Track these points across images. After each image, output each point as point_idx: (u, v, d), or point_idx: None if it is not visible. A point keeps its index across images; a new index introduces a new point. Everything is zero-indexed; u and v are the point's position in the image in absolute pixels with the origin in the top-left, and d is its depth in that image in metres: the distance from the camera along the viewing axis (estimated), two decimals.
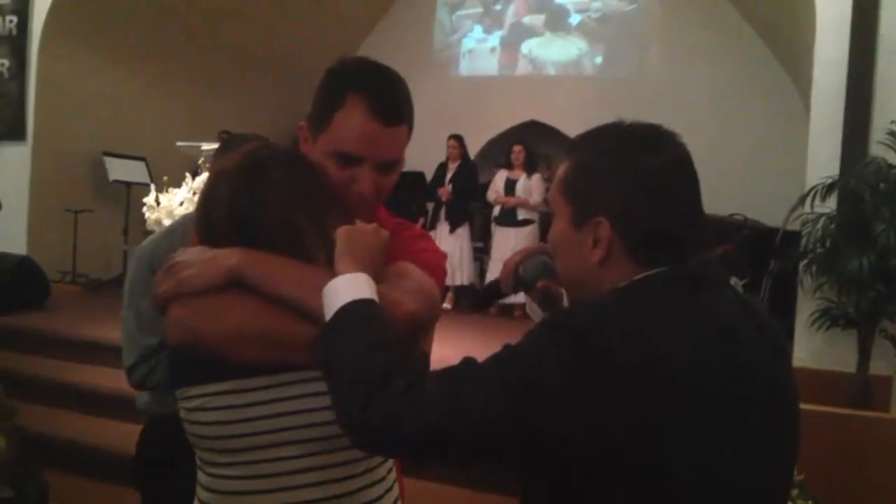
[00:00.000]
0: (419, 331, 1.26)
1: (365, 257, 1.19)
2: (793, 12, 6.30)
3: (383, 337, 1.09)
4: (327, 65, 1.42)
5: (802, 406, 1.19)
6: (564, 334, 1.03)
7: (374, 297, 1.14)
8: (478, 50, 10.90)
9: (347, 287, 1.14)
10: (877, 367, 4.26)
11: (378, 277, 1.19)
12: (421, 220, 8.08)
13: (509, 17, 10.73)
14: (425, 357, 1.34)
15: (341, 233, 1.22)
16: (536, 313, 1.51)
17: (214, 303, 1.20)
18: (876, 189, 4.17)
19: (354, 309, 1.11)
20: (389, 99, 1.34)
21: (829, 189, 4.39)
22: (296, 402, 1.19)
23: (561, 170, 1.22)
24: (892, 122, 4.35)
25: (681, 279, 1.12)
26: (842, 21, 4.66)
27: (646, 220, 1.13)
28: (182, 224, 2.55)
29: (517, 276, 1.43)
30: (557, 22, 10.45)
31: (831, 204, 4.42)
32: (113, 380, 4.91)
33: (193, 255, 1.24)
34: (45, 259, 7.04)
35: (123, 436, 4.38)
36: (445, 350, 1.73)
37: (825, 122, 4.73)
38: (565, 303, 1.47)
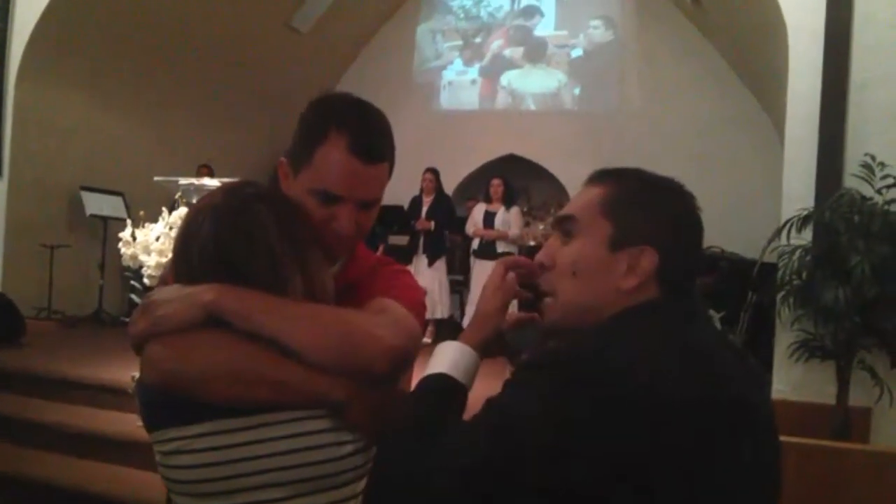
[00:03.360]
0: (400, 367, 1.24)
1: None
2: (766, 48, 6.40)
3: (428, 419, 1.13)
4: (308, 97, 1.40)
5: (783, 438, 1.19)
6: (546, 376, 1.03)
7: (450, 368, 1.21)
8: (458, 82, 11.01)
9: (434, 357, 1.23)
10: (856, 399, 4.28)
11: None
12: (380, 248, 8.06)
13: (490, 50, 10.86)
14: (405, 395, 1.33)
15: None
16: None
17: (191, 341, 1.17)
18: (850, 221, 4.21)
19: (421, 385, 1.19)
20: (371, 137, 1.33)
21: (804, 221, 4.43)
22: (278, 444, 1.16)
23: (596, 191, 1.21)
24: (865, 154, 4.41)
25: (673, 310, 1.14)
26: (814, 56, 4.74)
27: (685, 254, 1.17)
28: None
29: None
30: (537, 54, 10.58)
31: (807, 236, 4.45)
32: (89, 419, 4.84)
33: (169, 293, 1.22)
34: (20, 295, 6.94)
35: (99, 476, 4.32)
36: None
37: (799, 155, 4.80)
38: None
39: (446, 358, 1.19)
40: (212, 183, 4.80)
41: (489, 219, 7.92)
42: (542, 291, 1.25)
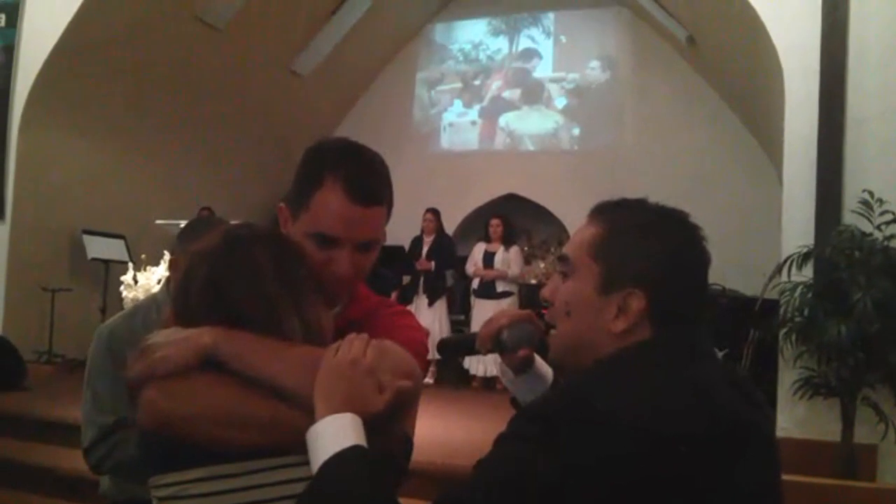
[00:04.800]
0: (401, 409, 1.22)
1: (344, 393, 1.11)
2: (762, 86, 6.45)
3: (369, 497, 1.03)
4: (309, 140, 1.43)
5: (788, 477, 1.19)
6: (540, 423, 1.03)
7: (358, 439, 1.07)
8: (458, 123, 11.09)
9: (328, 435, 1.06)
10: (861, 436, 4.24)
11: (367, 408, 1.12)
12: (394, 294, 8.07)
13: (489, 91, 10.95)
14: (407, 438, 1.32)
15: (319, 373, 1.14)
16: (508, 376, 1.50)
17: (187, 384, 1.17)
18: (851, 257, 4.22)
19: (337, 463, 1.04)
20: (367, 180, 1.35)
21: (804, 258, 4.43)
22: (272, 490, 1.14)
23: (590, 231, 1.22)
24: (863, 190, 4.42)
25: (667, 348, 1.13)
26: (810, 94, 4.78)
27: (678, 294, 1.16)
28: (145, 306, 2.51)
29: (499, 340, 1.40)
30: (534, 96, 10.67)
31: (808, 272, 4.45)
32: None
33: (167, 336, 1.22)
34: (21, 339, 6.93)
35: None
36: (429, 425, 1.71)
37: (798, 192, 4.81)
38: (536, 365, 1.47)
39: (349, 431, 1.08)
40: None
41: (489, 258, 7.94)
42: (549, 325, 1.27)
